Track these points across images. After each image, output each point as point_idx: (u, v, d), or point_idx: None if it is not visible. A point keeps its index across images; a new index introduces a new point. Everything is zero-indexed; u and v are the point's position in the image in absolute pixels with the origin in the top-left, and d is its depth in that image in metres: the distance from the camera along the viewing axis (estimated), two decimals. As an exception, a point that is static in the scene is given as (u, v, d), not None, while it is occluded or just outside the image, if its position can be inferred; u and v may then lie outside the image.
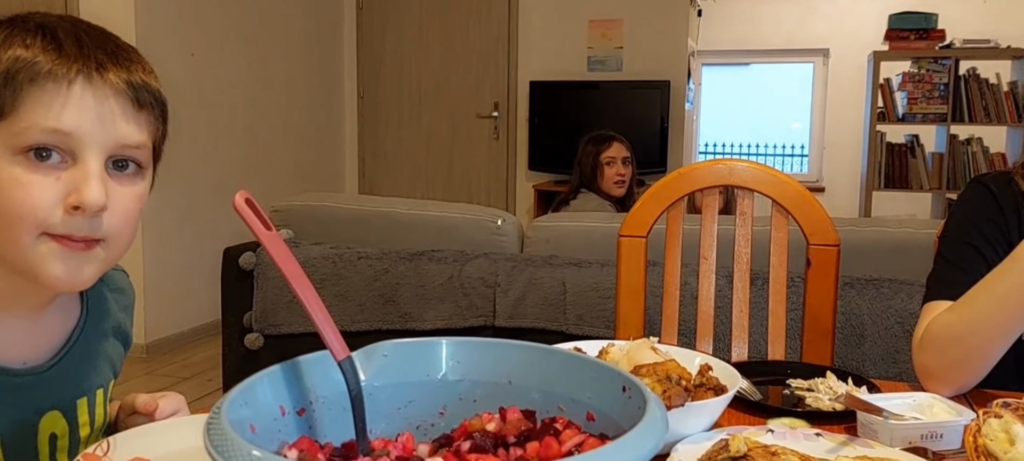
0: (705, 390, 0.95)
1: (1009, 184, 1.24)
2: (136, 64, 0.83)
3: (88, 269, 0.81)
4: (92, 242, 0.80)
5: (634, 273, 1.48)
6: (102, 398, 0.95)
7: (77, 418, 0.91)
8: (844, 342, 2.08)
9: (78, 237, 0.79)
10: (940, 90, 5.05)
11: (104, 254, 0.82)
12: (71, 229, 0.78)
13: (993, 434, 0.76)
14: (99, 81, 0.79)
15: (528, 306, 2.23)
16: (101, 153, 0.79)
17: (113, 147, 0.80)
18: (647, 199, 1.48)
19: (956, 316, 1.11)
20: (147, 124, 0.84)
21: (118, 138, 0.80)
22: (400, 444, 0.73)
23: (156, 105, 0.85)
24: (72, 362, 0.91)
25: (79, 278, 0.81)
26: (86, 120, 0.78)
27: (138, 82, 0.82)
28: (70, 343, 0.91)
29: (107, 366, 0.97)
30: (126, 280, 1.05)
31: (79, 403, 0.91)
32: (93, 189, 0.77)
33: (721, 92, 7.79)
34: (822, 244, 1.41)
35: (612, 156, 3.39)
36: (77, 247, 0.79)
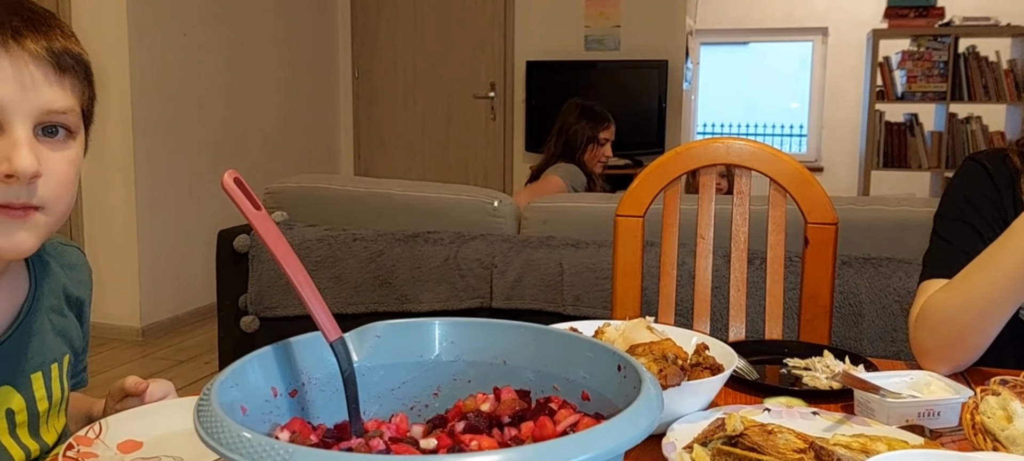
0: (701, 369, 0.95)
1: (1004, 161, 1.23)
2: (54, 30, 0.83)
3: (26, 235, 0.81)
4: (30, 209, 0.80)
5: (631, 253, 1.47)
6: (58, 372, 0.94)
7: (33, 393, 0.91)
8: (842, 321, 2.07)
9: (17, 204, 0.79)
10: (939, 68, 5.02)
11: (45, 220, 0.82)
12: (8, 198, 0.78)
13: (991, 412, 0.75)
14: (16, 49, 0.78)
15: (525, 287, 2.22)
16: (27, 120, 0.79)
17: (39, 114, 0.80)
18: (644, 178, 1.47)
19: (952, 294, 1.10)
20: (71, 88, 0.83)
21: (42, 104, 0.80)
22: (394, 425, 0.72)
23: (79, 68, 0.84)
24: (22, 337, 0.90)
25: (21, 245, 0.81)
26: (7, 89, 0.78)
27: (58, 48, 0.81)
28: (19, 319, 0.91)
29: (61, 340, 0.97)
30: (81, 257, 1.05)
31: (34, 378, 0.91)
32: (23, 156, 0.77)
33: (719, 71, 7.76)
34: (820, 223, 1.40)
35: (607, 137, 3.35)
36: (16, 215, 0.79)
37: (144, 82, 3.95)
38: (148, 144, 4.00)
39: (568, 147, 3.33)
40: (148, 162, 4.01)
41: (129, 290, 4.00)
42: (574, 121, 3.35)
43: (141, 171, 3.97)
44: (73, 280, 1.01)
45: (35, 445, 0.91)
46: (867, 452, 0.79)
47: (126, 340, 3.96)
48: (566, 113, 3.40)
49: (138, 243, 3.99)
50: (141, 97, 3.94)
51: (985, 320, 1.07)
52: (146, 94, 3.97)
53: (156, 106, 4.04)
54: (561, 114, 3.44)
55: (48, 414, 0.93)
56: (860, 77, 5.67)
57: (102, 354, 3.76)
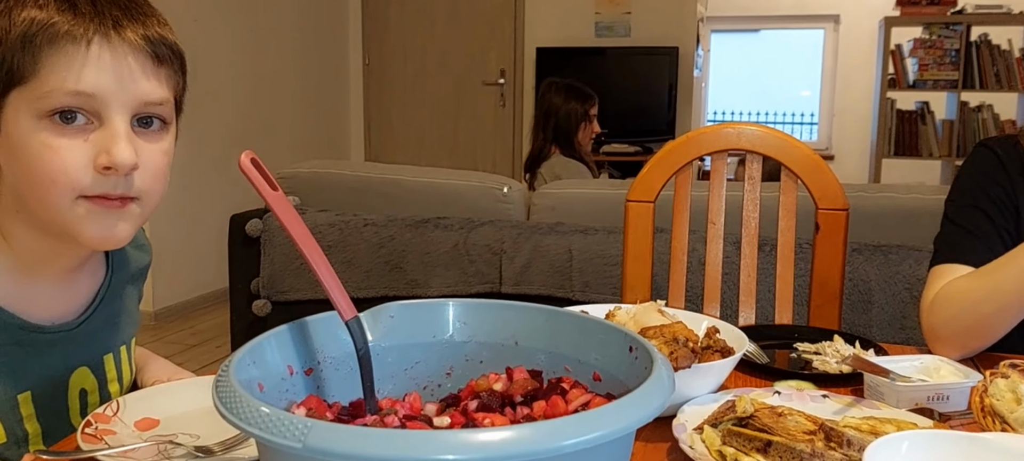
0: (712, 352, 0.95)
1: (1015, 147, 1.23)
2: (151, 18, 0.83)
3: (124, 226, 0.83)
4: (127, 200, 0.81)
5: (641, 238, 1.48)
6: (126, 354, 0.96)
7: (105, 374, 0.93)
8: (851, 308, 2.07)
9: (114, 196, 0.80)
10: (951, 56, 5.00)
11: (139, 211, 0.83)
12: (106, 189, 0.79)
13: (1000, 394, 0.76)
14: (117, 39, 0.79)
15: (534, 273, 2.23)
16: (126, 112, 0.80)
17: (136, 105, 0.80)
18: (655, 164, 1.47)
19: (976, 283, 1.10)
20: (167, 79, 0.84)
21: (141, 96, 0.80)
22: (408, 404, 0.73)
23: (174, 58, 0.85)
24: (99, 320, 0.92)
25: (116, 236, 0.83)
26: (107, 80, 0.78)
27: (155, 36, 0.82)
28: (97, 301, 0.93)
29: (130, 321, 0.99)
30: (144, 236, 1.07)
31: (106, 359, 0.93)
32: (122, 149, 0.78)
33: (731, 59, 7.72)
34: (831, 208, 1.40)
35: (595, 113, 3.30)
36: (113, 205, 0.80)
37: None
38: (159, 129, 4.02)
39: (560, 130, 3.25)
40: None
41: (141, 275, 4.03)
42: (562, 102, 3.26)
43: (152, 156, 3.99)
44: (140, 259, 1.03)
45: None
46: (877, 434, 0.79)
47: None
48: (549, 95, 3.31)
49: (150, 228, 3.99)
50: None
51: (1008, 312, 1.07)
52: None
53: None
54: (542, 97, 3.34)
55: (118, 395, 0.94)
56: (871, 65, 5.65)
57: (114, 338, 3.79)
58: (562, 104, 3.25)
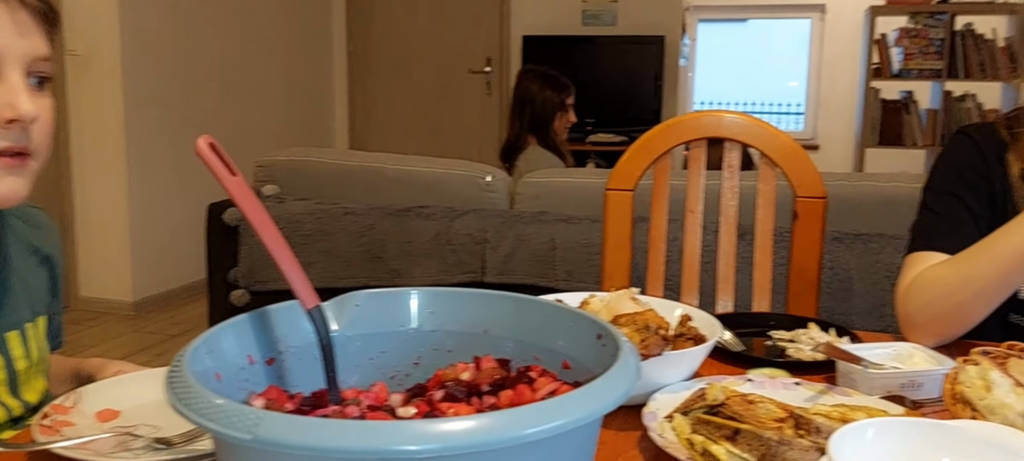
0: (685, 340, 0.95)
1: (993, 134, 1.22)
2: None
3: (22, 182, 0.83)
4: (25, 155, 0.82)
5: (620, 227, 1.47)
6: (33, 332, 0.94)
7: (10, 352, 0.91)
8: (832, 296, 2.08)
9: (16, 149, 0.81)
10: (936, 46, 5.01)
11: (35, 166, 0.84)
12: (9, 141, 0.80)
13: (970, 381, 0.75)
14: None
15: (517, 262, 2.22)
16: (21, 66, 0.81)
17: (29, 60, 0.82)
18: (634, 152, 1.46)
19: (951, 270, 1.10)
20: (50, 36, 0.85)
21: (33, 51, 0.82)
22: (372, 394, 0.72)
23: (54, 17, 0.86)
24: None
25: (19, 192, 0.83)
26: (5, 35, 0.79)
27: None
28: None
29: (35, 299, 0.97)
30: (46, 218, 1.07)
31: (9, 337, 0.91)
32: (25, 100, 0.79)
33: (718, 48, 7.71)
34: (809, 197, 1.40)
35: (571, 103, 3.28)
36: (12, 163, 0.81)
37: (135, 54, 3.92)
38: (139, 117, 3.98)
39: (536, 119, 3.23)
40: (140, 135, 3.99)
41: (121, 265, 3.99)
42: (538, 91, 3.24)
43: (133, 145, 3.95)
44: (41, 239, 1.01)
45: (16, 403, 0.91)
46: (847, 421, 0.79)
47: (118, 314, 3.96)
48: (526, 83, 3.29)
49: (130, 218, 3.98)
50: (132, 70, 3.92)
51: (983, 299, 1.07)
52: (137, 66, 3.94)
53: (147, 79, 4.01)
54: (519, 84, 3.32)
55: (28, 373, 0.93)
56: (857, 55, 5.66)
57: (94, 329, 3.77)
58: (538, 92, 3.24)
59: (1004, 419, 0.72)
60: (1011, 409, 0.72)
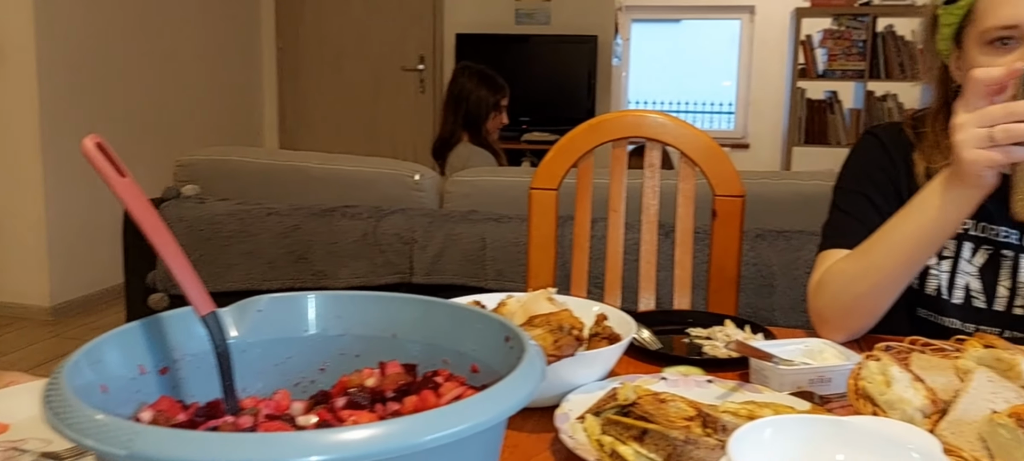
0: (600, 339, 0.94)
1: (899, 134, 1.26)
2: None
3: None
4: None
5: (545, 226, 1.47)
6: None
7: None
8: (755, 293, 2.11)
9: None
10: (858, 47, 5.16)
11: None
12: None
13: (871, 377, 0.77)
14: None
15: (446, 262, 2.20)
16: None
17: None
18: (558, 151, 1.46)
19: (850, 263, 1.13)
20: None
21: None
22: (273, 402, 0.70)
23: None
24: None
25: None
26: None
27: None
28: None
29: None
30: None
31: None
32: None
33: (652, 48, 7.81)
34: (728, 195, 1.42)
35: (505, 104, 3.28)
36: None
37: (51, 50, 3.77)
38: (56, 116, 3.83)
39: (470, 117, 3.21)
40: (56, 135, 3.83)
41: (38, 268, 3.84)
42: (474, 88, 3.23)
43: (49, 144, 3.80)
44: None
45: None
46: (754, 418, 0.80)
47: (35, 319, 3.80)
48: (462, 79, 3.28)
49: (47, 220, 3.82)
50: (48, 67, 3.76)
51: (881, 290, 1.10)
52: (53, 63, 3.79)
53: (64, 76, 3.86)
54: (455, 80, 3.31)
55: None
56: (784, 56, 5.79)
57: (10, 334, 3.61)
58: (474, 90, 3.22)
59: (903, 414, 0.74)
60: (909, 404, 0.73)
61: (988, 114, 0.90)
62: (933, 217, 1.02)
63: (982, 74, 0.91)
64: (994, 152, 0.90)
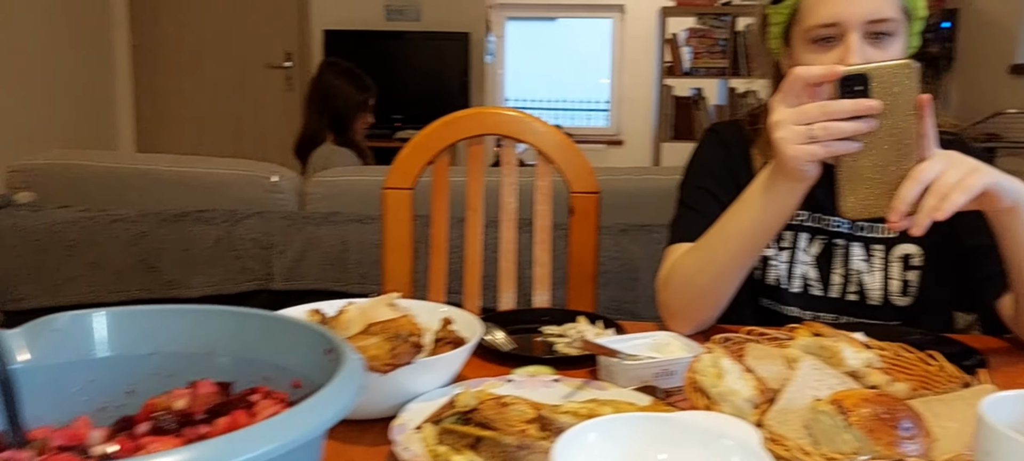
0: (444, 344, 0.92)
1: (739, 131, 1.30)
2: None
3: None
4: None
5: (400, 227, 1.43)
6: None
7: None
8: (620, 287, 2.15)
9: None
10: (721, 45, 5.37)
11: None
12: None
13: (704, 370, 0.77)
14: None
15: (307, 267, 2.12)
16: None
17: None
18: (411, 150, 1.42)
19: (693, 257, 1.15)
20: None
21: None
22: (69, 431, 0.64)
23: None
24: None
25: None
26: None
27: None
28: None
29: None
30: None
31: None
32: None
33: (528, 46, 7.86)
34: (583, 192, 1.42)
35: (373, 103, 3.20)
36: None
37: None
38: None
39: (336, 116, 3.11)
40: None
41: None
42: (340, 86, 3.13)
43: None
44: None
45: None
46: (594, 417, 0.79)
47: None
48: (327, 76, 3.17)
49: None
50: None
51: (720, 282, 1.12)
52: None
53: None
54: (319, 78, 3.20)
55: None
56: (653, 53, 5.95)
57: None
58: (341, 88, 3.12)
59: (733, 406, 0.74)
60: (739, 395, 0.74)
61: (805, 112, 0.93)
62: (761, 211, 1.05)
63: (802, 72, 0.93)
64: (815, 147, 0.93)
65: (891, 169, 0.93)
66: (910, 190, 0.91)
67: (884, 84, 0.91)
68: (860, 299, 1.24)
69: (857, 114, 0.91)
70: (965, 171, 0.91)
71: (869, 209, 0.95)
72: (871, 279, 1.23)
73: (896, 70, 0.92)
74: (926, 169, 0.91)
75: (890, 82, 0.91)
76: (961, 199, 0.90)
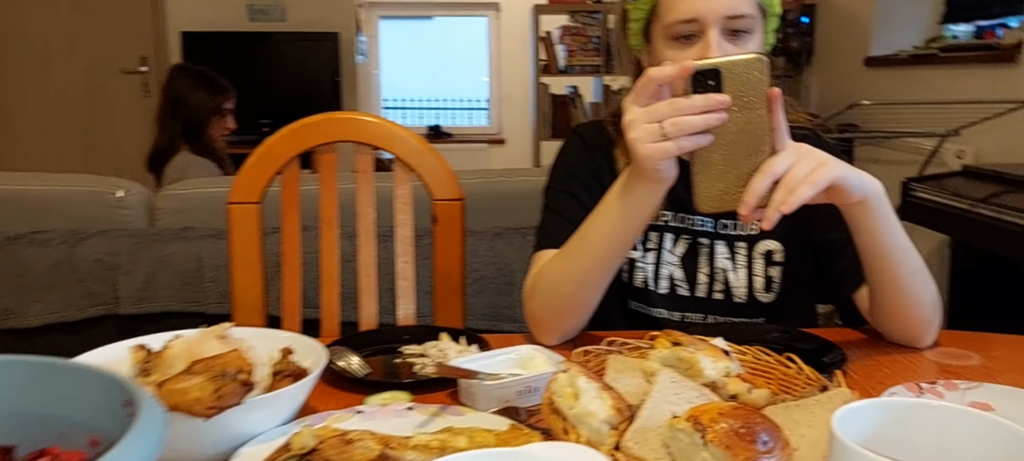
0: (283, 378, 0.84)
1: (601, 132, 1.27)
2: None
3: None
4: None
5: (248, 244, 1.33)
6: None
7: None
8: (497, 293, 2.10)
9: None
10: (594, 43, 5.42)
11: None
12: None
13: (561, 390, 0.73)
14: None
15: (159, 287, 1.97)
16: None
17: None
18: (257, 160, 1.32)
19: (556, 264, 1.11)
20: None
21: None
22: None
23: None
24: None
25: None
26: None
27: None
28: None
29: None
30: None
31: None
32: None
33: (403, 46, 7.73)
34: (446, 199, 1.36)
35: (230, 107, 3.02)
36: None
37: None
38: None
39: (189, 124, 2.92)
40: None
41: None
42: (190, 91, 2.94)
43: None
44: None
45: None
46: (445, 449, 0.73)
47: None
48: (177, 82, 2.98)
49: None
50: None
51: (585, 288, 1.08)
52: None
53: None
54: (170, 84, 3.00)
55: None
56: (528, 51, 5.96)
57: None
58: (191, 93, 2.91)
59: (590, 428, 0.70)
60: (595, 417, 0.70)
61: (656, 110, 0.90)
62: (622, 215, 1.02)
63: (655, 72, 0.91)
64: (667, 144, 0.90)
65: (743, 163, 0.91)
66: (759, 183, 0.89)
67: (735, 78, 0.89)
68: (726, 297, 1.23)
69: (708, 109, 0.88)
70: (813, 165, 0.91)
71: (722, 203, 0.93)
72: (736, 277, 1.23)
73: (747, 64, 0.90)
74: (776, 163, 0.90)
75: (741, 76, 0.90)
76: (808, 193, 0.89)
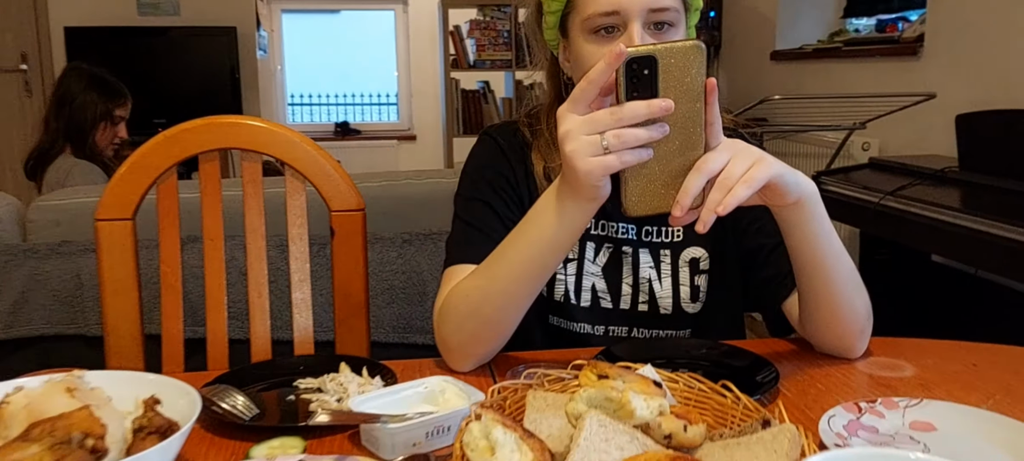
0: (146, 435, 0.71)
1: (515, 134, 1.17)
2: None
3: None
4: None
5: (120, 265, 1.18)
6: None
7: None
8: (408, 301, 1.99)
9: None
10: (504, 37, 5.33)
11: None
12: None
13: (474, 443, 0.63)
14: None
15: (33, 309, 1.78)
16: None
17: None
18: (128, 171, 1.17)
19: (472, 284, 1.00)
20: None
21: None
22: None
23: None
24: None
25: None
26: None
27: None
28: None
29: None
30: None
31: None
32: None
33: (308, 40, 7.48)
34: (345, 209, 1.24)
35: (123, 115, 2.81)
36: None
37: None
38: None
39: (73, 125, 2.70)
40: None
41: None
42: (80, 91, 2.73)
43: None
44: None
45: None
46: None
47: None
48: (69, 80, 2.77)
49: None
50: None
51: (505, 310, 0.98)
52: None
53: None
54: (62, 80, 2.78)
55: None
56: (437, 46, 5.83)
57: None
58: (80, 93, 2.69)
59: (509, 487, 0.60)
60: (515, 473, 0.60)
61: (596, 120, 0.80)
62: (551, 232, 0.91)
63: (596, 76, 0.80)
64: (609, 158, 0.80)
65: (675, 160, 0.83)
66: (694, 183, 0.81)
67: (671, 67, 0.80)
68: (651, 308, 1.15)
69: (651, 117, 0.79)
70: (749, 162, 0.83)
71: (653, 205, 0.84)
72: (661, 287, 1.15)
73: (684, 52, 0.81)
74: (711, 160, 0.81)
75: (678, 65, 0.80)
76: (745, 192, 0.81)
